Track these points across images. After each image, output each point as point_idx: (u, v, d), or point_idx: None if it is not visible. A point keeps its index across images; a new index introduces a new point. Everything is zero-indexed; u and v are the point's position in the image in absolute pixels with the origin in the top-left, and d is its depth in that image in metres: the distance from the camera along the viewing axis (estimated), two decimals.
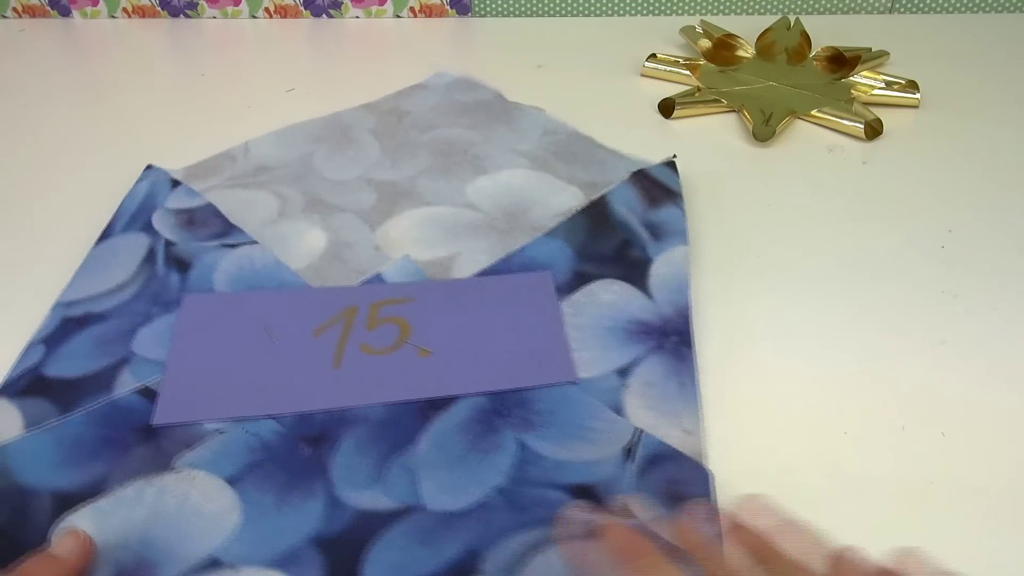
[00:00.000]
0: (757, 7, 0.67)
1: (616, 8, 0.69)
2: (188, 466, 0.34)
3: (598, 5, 0.69)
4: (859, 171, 0.50)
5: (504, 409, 0.35)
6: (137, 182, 0.49)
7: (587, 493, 0.32)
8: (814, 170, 0.50)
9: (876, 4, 0.67)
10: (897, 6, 0.67)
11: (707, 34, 0.62)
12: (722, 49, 0.61)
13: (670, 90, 0.58)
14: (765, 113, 0.54)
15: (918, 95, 0.55)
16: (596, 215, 0.45)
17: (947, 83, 0.58)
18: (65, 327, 0.40)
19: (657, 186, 0.46)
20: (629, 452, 0.33)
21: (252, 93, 0.60)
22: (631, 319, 0.39)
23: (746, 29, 0.63)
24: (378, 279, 0.42)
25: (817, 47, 0.60)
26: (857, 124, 0.53)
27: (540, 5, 0.69)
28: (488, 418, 0.35)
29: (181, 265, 0.43)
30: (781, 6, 0.67)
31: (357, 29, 0.69)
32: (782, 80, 0.58)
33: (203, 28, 0.70)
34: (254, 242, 0.44)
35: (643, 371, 0.37)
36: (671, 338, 0.38)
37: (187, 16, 0.71)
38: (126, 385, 0.37)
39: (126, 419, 0.36)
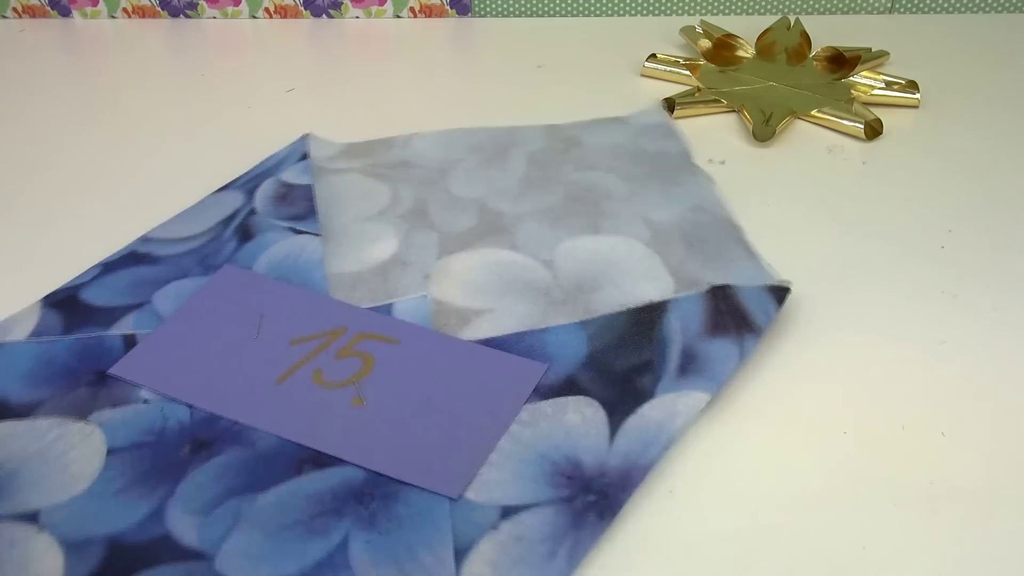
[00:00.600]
0: (757, 7, 0.67)
1: (616, 8, 0.69)
2: (96, 422, 0.35)
3: (598, 5, 0.69)
4: (859, 171, 0.50)
5: (369, 493, 0.32)
6: (288, 145, 0.51)
7: None
8: (814, 170, 0.50)
9: (876, 4, 0.67)
10: (897, 6, 0.67)
11: (707, 34, 0.62)
12: (722, 49, 0.61)
13: (670, 90, 0.58)
14: (765, 113, 0.54)
15: (918, 95, 0.55)
16: (641, 321, 0.38)
17: (947, 83, 0.58)
18: (125, 259, 0.43)
19: (735, 312, 0.38)
20: None
21: (252, 93, 0.60)
22: (568, 455, 0.33)
23: (745, 29, 0.63)
24: (386, 309, 0.40)
25: (817, 47, 0.60)
26: (857, 124, 0.53)
27: (540, 5, 0.69)
28: (345, 497, 0.32)
29: (245, 235, 0.44)
30: (781, 6, 0.67)
31: (357, 29, 0.69)
32: (782, 80, 0.58)
33: (203, 28, 0.70)
34: (317, 234, 0.44)
35: (527, 519, 0.31)
36: (588, 497, 0.31)
37: (187, 16, 0.71)
38: (123, 328, 0.39)
39: (97, 359, 0.38)
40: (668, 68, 0.60)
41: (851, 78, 0.57)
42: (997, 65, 0.59)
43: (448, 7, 0.69)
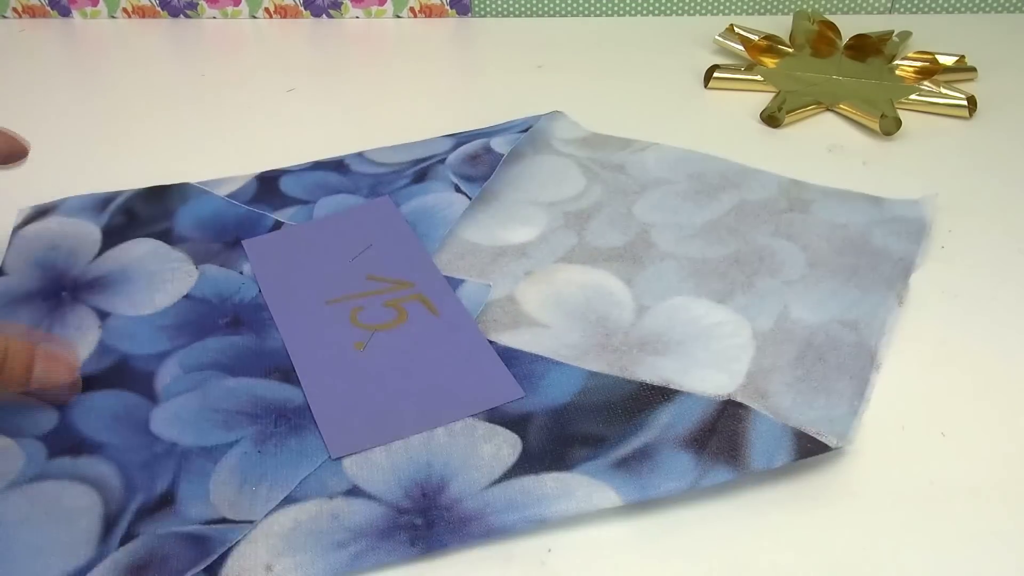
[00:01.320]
0: (757, 7, 0.67)
1: (617, 8, 0.69)
2: (201, 271, 0.41)
3: (598, 5, 0.69)
4: (859, 171, 0.50)
5: (287, 419, 0.34)
6: (529, 116, 0.52)
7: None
8: (814, 170, 0.50)
9: (876, 4, 0.67)
10: (897, 6, 0.67)
11: (743, 38, 0.61)
12: (756, 51, 0.60)
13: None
14: (875, 106, 0.53)
15: (974, 72, 0.57)
16: (639, 398, 0.34)
17: None
18: (332, 165, 0.48)
19: (728, 437, 0.32)
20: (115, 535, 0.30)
21: (252, 93, 0.60)
22: (444, 477, 0.32)
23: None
24: (455, 282, 0.40)
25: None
26: (960, 102, 0.53)
27: (540, 5, 0.69)
28: (270, 411, 0.34)
29: (419, 178, 0.47)
30: (780, 6, 0.67)
31: (357, 29, 0.69)
32: (835, 73, 0.57)
33: (203, 28, 0.70)
34: (469, 198, 0.45)
35: (356, 506, 0.31)
36: (415, 518, 0.30)
37: (187, 16, 0.71)
38: (281, 215, 0.45)
39: (248, 229, 0.44)
40: (735, 76, 0.58)
41: (898, 61, 0.58)
42: (997, 65, 0.59)
43: (448, 7, 0.70)
